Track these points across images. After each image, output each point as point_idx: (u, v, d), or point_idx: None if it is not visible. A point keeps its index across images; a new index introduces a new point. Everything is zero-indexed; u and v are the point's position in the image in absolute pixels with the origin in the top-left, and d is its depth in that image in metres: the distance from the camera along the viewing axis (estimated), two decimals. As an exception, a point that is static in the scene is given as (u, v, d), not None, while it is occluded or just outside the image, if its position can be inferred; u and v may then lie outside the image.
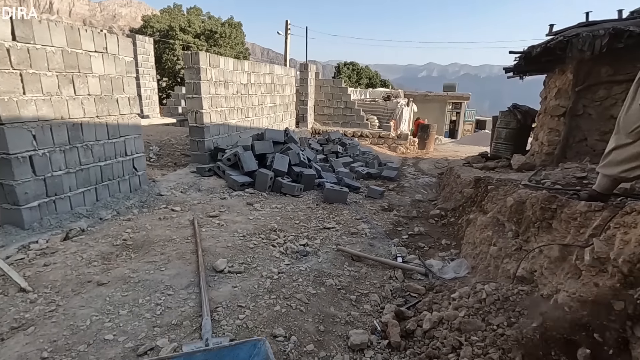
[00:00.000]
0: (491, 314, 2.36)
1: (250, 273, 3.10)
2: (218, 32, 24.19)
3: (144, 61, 13.32)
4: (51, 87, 3.73)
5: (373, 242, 4.10)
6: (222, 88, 6.92)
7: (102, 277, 2.86)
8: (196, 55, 6.21)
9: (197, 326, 2.35)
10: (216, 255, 3.34)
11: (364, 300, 2.93)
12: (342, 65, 31.64)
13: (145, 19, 25.00)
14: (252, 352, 1.76)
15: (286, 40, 19.65)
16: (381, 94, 15.97)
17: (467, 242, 3.82)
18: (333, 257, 3.57)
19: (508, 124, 6.49)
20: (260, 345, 1.78)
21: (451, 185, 5.98)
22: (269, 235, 3.97)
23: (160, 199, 4.93)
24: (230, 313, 2.50)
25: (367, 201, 5.80)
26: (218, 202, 5.01)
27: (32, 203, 3.63)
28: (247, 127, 8.09)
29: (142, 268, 3.04)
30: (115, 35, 4.60)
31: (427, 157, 10.98)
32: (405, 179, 7.67)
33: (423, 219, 5.05)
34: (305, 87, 12.21)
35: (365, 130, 12.16)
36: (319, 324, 2.53)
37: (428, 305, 2.81)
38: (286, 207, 5.06)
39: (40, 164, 3.66)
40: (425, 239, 4.31)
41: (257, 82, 8.41)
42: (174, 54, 22.17)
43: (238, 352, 1.73)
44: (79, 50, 4.01)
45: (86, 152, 4.20)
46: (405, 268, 3.47)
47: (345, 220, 4.74)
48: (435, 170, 8.64)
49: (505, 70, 6.23)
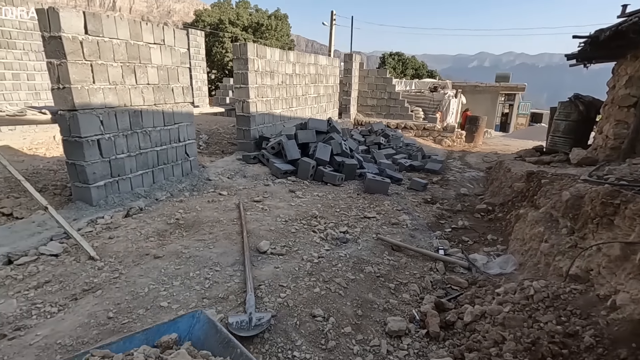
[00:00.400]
0: (539, 311, 2.26)
1: (292, 256, 3.21)
2: (265, 24, 24.67)
3: (196, 54, 13.96)
4: (116, 77, 4.06)
5: (414, 234, 4.04)
6: (268, 78, 7.10)
7: (158, 251, 3.12)
8: (244, 46, 6.41)
9: (241, 301, 2.49)
10: (260, 237, 3.49)
11: (403, 290, 2.92)
12: (388, 56, 30.91)
13: (197, 14, 26.12)
14: (192, 322, 1.82)
15: (331, 30, 19.57)
16: (427, 85, 15.42)
17: (515, 238, 3.64)
18: (373, 245, 3.58)
19: (568, 116, 6.01)
20: (198, 314, 1.84)
21: (500, 179, 5.68)
22: (310, 221, 4.06)
23: (209, 184, 5.21)
24: (272, 291, 2.62)
25: (409, 193, 5.70)
26: (262, 188, 5.19)
27: (99, 182, 4.01)
28: (291, 117, 8.24)
29: (193, 245, 3.27)
30: (171, 27, 4.88)
31: (475, 150, 10.48)
32: (450, 172, 7.41)
33: (468, 213, 4.87)
34: (349, 77, 12.13)
35: (409, 122, 11.86)
36: (356, 308, 2.57)
37: (470, 299, 2.74)
38: (327, 195, 5.12)
39: (106, 147, 4.03)
40: (469, 233, 4.16)
41: (301, 72, 8.50)
42: (223, 47, 22.99)
43: (178, 326, 1.78)
44: (140, 42, 4.31)
45: (145, 138, 4.55)
46: (447, 261, 3.40)
47: (386, 210, 4.70)
48: (483, 164, 8.24)
49: (568, 57, 5.75)
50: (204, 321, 1.82)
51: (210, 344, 1.71)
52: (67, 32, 3.48)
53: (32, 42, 8.53)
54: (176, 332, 1.71)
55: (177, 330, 1.74)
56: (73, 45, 3.55)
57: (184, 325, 1.80)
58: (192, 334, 1.79)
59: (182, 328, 1.78)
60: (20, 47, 8.31)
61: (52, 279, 2.71)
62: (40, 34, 3.55)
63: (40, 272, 2.81)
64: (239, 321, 2.21)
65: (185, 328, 1.79)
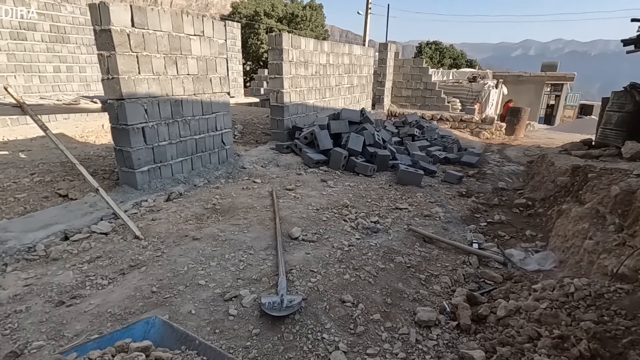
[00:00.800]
0: (579, 309, 2.16)
1: (322, 243, 3.27)
2: (299, 15, 24.67)
3: (232, 45, 14.27)
4: (159, 68, 4.27)
5: (447, 226, 3.96)
6: (302, 68, 7.14)
7: (196, 234, 3.29)
8: (279, 37, 6.47)
9: (273, 283, 2.58)
10: (291, 224, 3.58)
11: (434, 281, 2.89)
12: (424, 45, 29.93)
13: (234, 6, 26.57)
14: (147, 328, 1.76)
15: (366, 19, 19.23)
16: (466, 75, 14.81)
17: (556, 234, 3.47)
18: (404, 236, 3.55)
19: (622, 107, 5.56)
20: (153, 320, 1.79)
21: (542, 173, 5.40)
22: (341, 210, 4.09)
23: (244, 172, 5.37)
24: (303, 276, 2.69)
25: (443, 186, 5.57)
26: (294, 177, 5.28)
27: (143, 168, 4.26)
28: (324, 107, 8.26)
29: (228, 229, 3.41)
30: (210, 19, 5.03)
31: (515, 143, 9.99)
32: (488, 165, 7.13)
33: (505, 208, 4.69)
34: (384, 67, 11.90)
35: (445, 114, 11.48)
36: (386, 297, 2.58)
37: (504, 294, 2.67)
38: (358, 185, 5.12)
39: (150, 135, 4.27)
40: (506, 228, 4.02)
41: (335, 62, 8.46)
42: (258, 38, 23.29)
43: (132, 332, 1.72)
44: (181, 34, 4.49)
45: (184, 126, 4.76)
46: (481, 255, 3.31)
47: (419, 202, 4.64)
48: (524, 158, 7.85)
49: (624, 42, 5.30)
50: (159, 325, 1.78)
51: (167, 343, 1.69)
52: (116, 25, 3.70)
53: (84, 37, 9.11)
54: (130, 338, 1.64)
55: (132, 337, 1.68)
56: (121, 38, 3.77)
57: (138, 332, 1.74)
58: (147, 340, 1.70)
59: (137, 334, 1.72)
60: (73, 41, 8.91)
61: (103, 254, 2.95)
62: (92, 27, 3.80)
63: (92, 248, 3.06)
64: (271, 302, 2.30)
65: (139, 334, 1.73)
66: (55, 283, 2.53)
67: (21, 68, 7.96)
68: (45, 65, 8.45)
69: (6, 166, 5.03)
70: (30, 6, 7.93)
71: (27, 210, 3.81)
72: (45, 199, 4.14)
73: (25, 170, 4.89)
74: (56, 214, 3.56)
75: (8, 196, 4.11)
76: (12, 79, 7.73)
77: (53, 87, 8.64)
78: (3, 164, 5.13)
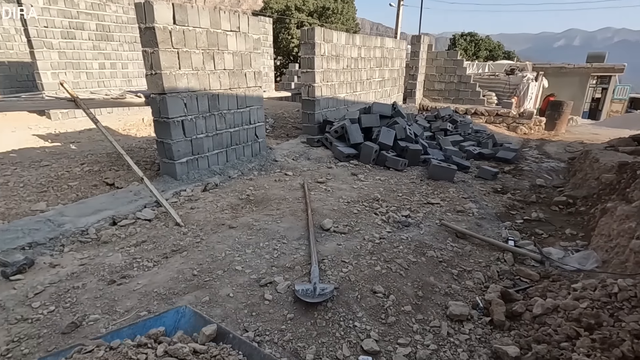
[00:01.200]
0: (623, 310, 2.08)
1: (354, 235, 3.31)
2: (330, 8, 24.54)
3: (264, 40, 14.47)
4: (198, 63, 4.44)
5: (481, 223, 3.88)
6: (333, 62, 7.15)
7: (232, 222, 3.43)
8: (312, 31, 6.51)
9: (306, 272, 2.66)
10: (323, 215, 3.64)
11: (467, 277, 2.86)
12: (459, 37, 28.90)
13: (265, 1, 26.83)
14: (177, 317, 1.81)
15: (398, 11, 18.83)
16: (503, 68, 14.19)
17: (599, 233, 3.31)
18: (435, 231, 3.52)
19: (678, 100, 5.15)
20: (183, 310, 1.83)
21: (585, 170, 5.13)
22: (372, 204, 4.11)
23: (275, 164, 5.50)
24: (335, 266, 2.75)
25: (476, 181, 5.43)
26: (325, 171, 5.34)
27: (182, 159, 4.48)
28: (355, 101, 8.23)
29: (262, 219, 3.53)
30: (246, 15, 5.16)
31: (556, 139, 9.51)
32: (525, 162, 6.86)
33: (544, 205, 4.51)
34: (416, 60, 11.65)
35: (480, 108, 11.09)
36: (417, 290, 2.60)
37: (541, 292, 2.60)
38: (389, 179, 5.11)
39: (188, 128, 4.47)
40: (544, 226, 3.88)
41: (367, 56, 8.40)
42: (289, 33, 23.43)
43: (164, 320, 1.77)
44: (219, 30, 4.64)
45: (220, 119, 4.93)
46: (517, 252, 3.23)
47: (451, 197, 4.56)
48: (565, 154, 7.47)
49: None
50: (189, 315, 1.82)
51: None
52: (159, 22, 3.89)
53: (126, 34, 9.59)
54: (163, 327, 1.71)
55: (164, 325, 1.73)
56: (164, 35, 3.96)
57: (170, 321, 1.79)
58: (178, 329, 1.77)
59: (168, 323, 1.78)
60: (116, 39, 9.40)
61: (147, 239, 3.15)
62: (137, 25, 4.01)
63: (137, 233, 3.28)
64: (305, 289, 2.38)
65: (171, 323, 1.79)
66: (106, 264, 2.75)
67: (70, 65, 8.52)
68: (92, 62, 8.99)
69: (60, 156, 5.44)
70: (79, 6, 8.45)
71: (79, 197, 4.13)
72: (94, 187, 4.46)
73: (76, 160, 5.28)
74: (105, 201, 3.83)
75: (62, 184, 4.46)
76: (62, 75, 8.29)
77: (98, 82, 9.18)
78: (57, 155, 5.56)
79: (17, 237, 3.03)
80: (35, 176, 4.63)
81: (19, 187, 4.33)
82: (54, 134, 7.21)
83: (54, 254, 2.93)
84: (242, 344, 1.65)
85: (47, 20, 7.93)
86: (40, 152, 5.71)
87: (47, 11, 7.90)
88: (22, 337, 2.01)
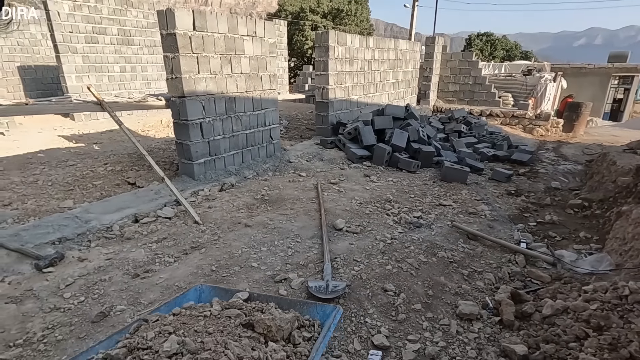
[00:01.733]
0: (633, 312, 2.10)
1: (365, 235, 3.39)
2: (344, 10, 24.63)
3: (278, 43, 14.66)
4: (216, 67, 4.60)
5: (493, 225, 3.89)
6: (347, 65, 7.23)
7: (248, 221, 3.56)
8: (326, 34, 6.61)
9: (319, 269, 2.76)
10: (336, 215, 3.73)
11: (477, 277, 2.90)
12: (474, 37, 28.55)
13: (280, 3, 27.10)
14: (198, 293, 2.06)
15: (413, 12, 18.77)
16: (520, 68, 13.98)
17: (614, 236, 3.29)
18: (447, 232, 3.57)
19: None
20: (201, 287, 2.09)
21: (602, 173, 5.07)
22: (384, 205, 4.17)
23: (289, 165, 5.62)
24: (347, 264, 2.84)
25: (490, 184, 5.42)
26: (338, 172, 5.43)
27: (200, 160, 4.64)
28: (368, 103, 8.29)
29: (277, 218, 3.65)
30: (262, 20, 5.29)
31: (574, 141, 9.33)
32: (541, 164, 6.78)
33: (558, 208, 4.48)
34: (431, 62, 11.61)
35: (495, 109, 10.98)
36: (427, 289, 2.65)
37: (552, 294, 2.62)
38: (402, 181, 5.16)
39: (206, 129, 4.62)
40: (558, 229, 3.87)
41: (380, 58, 8.45)
42: (303, 35, 23.62)
43: (188, 297, 1.99)
44: (236, 35, 4.79)
45: (237, 122, 5.08)
46: (529, 254, 3.25)
47: (463, 199, 4.58)
48: (583, 156, 7.34)
49: None
50: (207, 290, 2.07)
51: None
52: (180, 29, 4.06)
53: (146, 39, 9.90)
54: (192, 301, 1.95)
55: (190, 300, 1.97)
56: (184, 41, 4.12)
57: (192, 297, 2.02)
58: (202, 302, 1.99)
59: (192, 298, 2.00)
60: (137, 43, 9.72)
61: (168, 236, 3.31)
62: (159, 31, 4.19)
63: (158, 230, 3.44)
64: (318, 286, 2.47)
65: (194, 298, 2.02)
66: (130, 258, 2.91)
67: (93, 69, 8.87)
68: (113, 66, 9.33)
69: (84, 156, 5.69)
70: (102, 11, 8.79)
71: (103, 195, 4.33)
72: (117, 186, 4.66)
73: (99, 160, 5.51)
74: (127, 200, 4.01)
75: (87, 183, 4.68)
76: (86, 79, 8.64)
77: (119, 85, 9.52)
78: (81, 155, 5.82)
79: (48, 232, 3.22)
80: (62, 175, 4.87)
81: (48, 185, 4.57)
82: (77, 135, 7.52)
83: (82, 249, 3.11)
84: (270, 298, 2.01)
85: (72, 26, 8.28)
86: (65, 152, 5.98)
87: (72, 17, 8.25)
88: (55, 324, 2.17)
